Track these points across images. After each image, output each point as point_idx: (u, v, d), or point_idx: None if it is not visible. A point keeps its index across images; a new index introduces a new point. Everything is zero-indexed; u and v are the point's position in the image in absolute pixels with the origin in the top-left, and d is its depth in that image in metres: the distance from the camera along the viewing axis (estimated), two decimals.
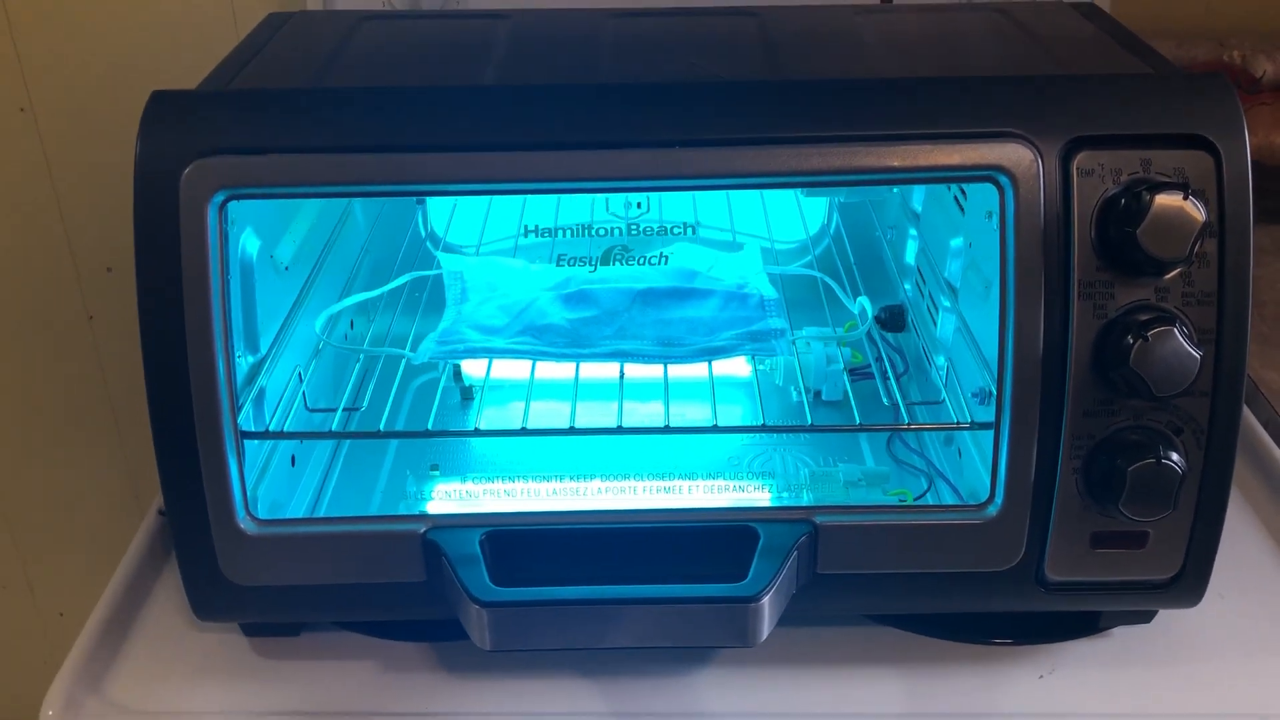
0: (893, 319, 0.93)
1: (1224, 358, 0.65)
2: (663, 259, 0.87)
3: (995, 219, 0.65)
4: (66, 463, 1.46)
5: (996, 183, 0.64)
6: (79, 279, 1.35)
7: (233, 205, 0.66)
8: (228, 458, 0.66)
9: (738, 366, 0.89)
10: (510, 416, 0.86)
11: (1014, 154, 0.63)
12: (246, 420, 0.71)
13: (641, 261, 0.87)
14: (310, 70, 0.76)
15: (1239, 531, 0.84)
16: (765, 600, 0.64)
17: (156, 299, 0.65)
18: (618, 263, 0.86)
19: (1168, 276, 0.64)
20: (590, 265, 0.86)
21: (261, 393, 0.74)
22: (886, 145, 0.64)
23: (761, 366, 0.90)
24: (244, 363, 0.72)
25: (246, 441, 0.69)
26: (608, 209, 0.97)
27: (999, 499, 0.67)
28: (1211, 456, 0.67)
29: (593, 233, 0.90)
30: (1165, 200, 0.62)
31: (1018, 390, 0.65)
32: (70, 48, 1.20)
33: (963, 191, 0.81)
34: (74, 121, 1.24)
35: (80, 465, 1.46)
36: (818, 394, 0.90)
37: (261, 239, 0.75)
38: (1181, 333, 0.63)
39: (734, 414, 0.88)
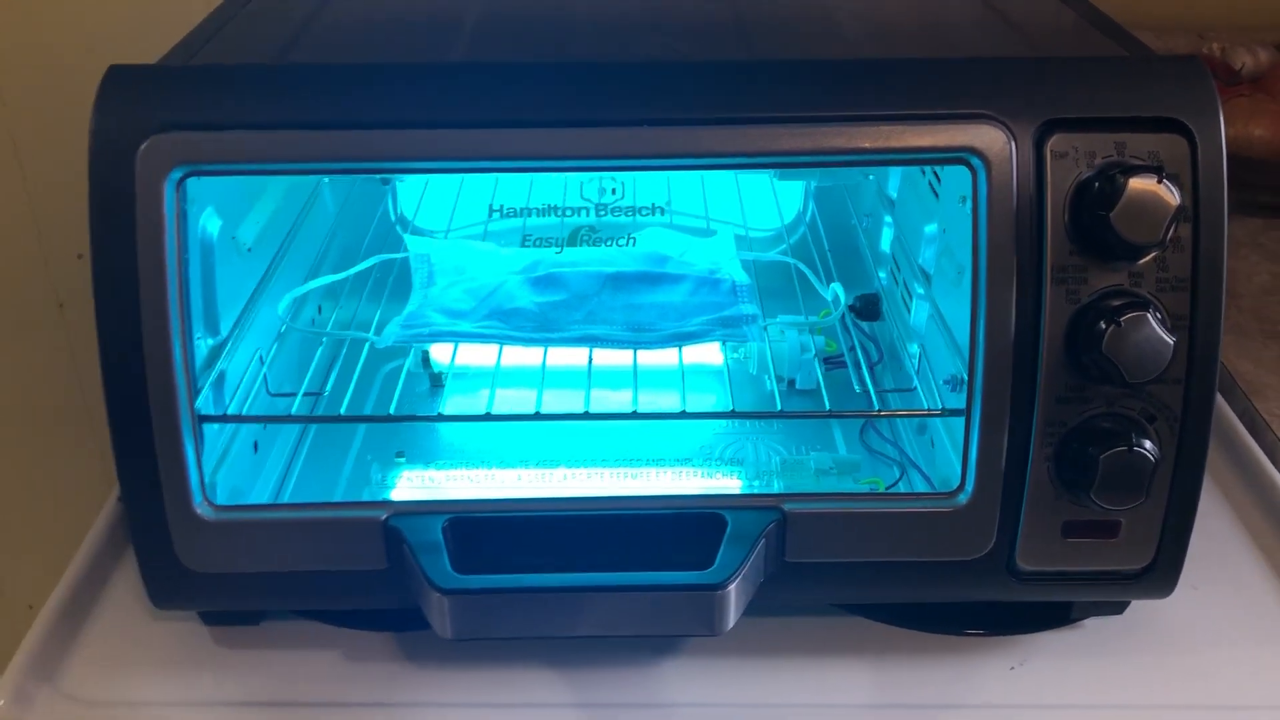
0: (868, 307, 0.92)
1: (1198, 344, 0.64)
2: (630, 241, 0.86)
3: (969, 203, 0.64)
4: (37, 453, 1.44)
5: (969, 165, 0.63)
6: (48, 266, 1.33)
7: (193, 184, 0.64)
8: (184, 442, 0.65)
9: (710, 354, 0.88)
10: (478, 403, 0.85)
11: (987, 136, 0.62)
12: (205, 404, 0.69)
13: (609, 243, 0.86)
14: (276, 45, 0.74)
15: (1213, 523, 0.83)
16: (731, 588, 0.63)
17: (112, 278, 0.63)
18: (585, 244, 0.85)
19: (1142, 261, 0.64)
20: (557, 246, 0.85)
21: (222, 376, 0.73)
22: (858, 126, 0.63)
23: (735, 355, 0.89)
24: (203, 345, 0.71)
25: (205, 426, 0.67)
26: (581, 194, 0.96)
27: (969, 487, 0.66)
28: (1185, 444, 0.66)
29: (561, 213, 0.89)
30: (1139, 184, 0.61)
31: (989, 376, 0.64)
32: (38, 28, 1.18)
33: (937, 176, 0.80)
34: (42, 105, 1.22)
35: (51, 455, 1.44)
36: (791, 382, 0.89)
37: (223, 219, 0.73)
38: (1155, 318, 0.62)
39: (706, 401, 0.87)
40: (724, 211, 0.97)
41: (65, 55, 1.19)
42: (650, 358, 0.79)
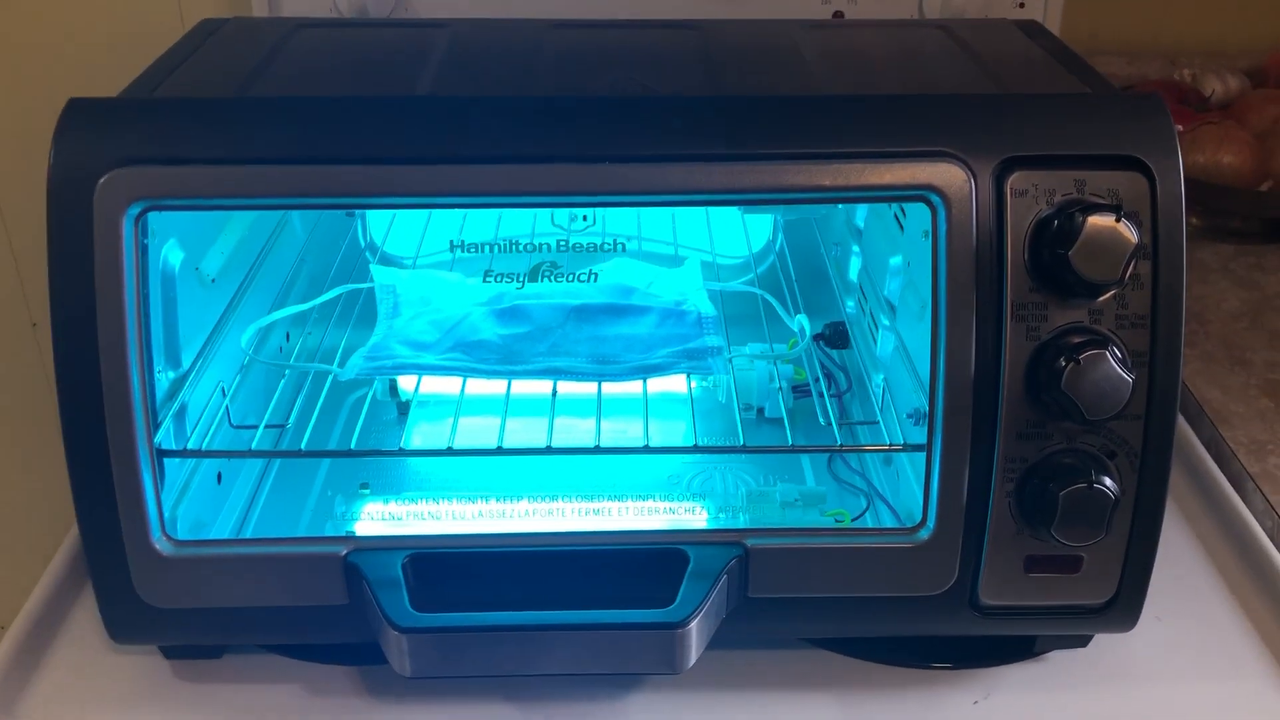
0: (836, 336, 0.92)
1: (1157, 381, 0.65)
2: (592, 276, 0.86)
3: (930, 239, 0.65)
4: (8, 472, 1.43)
5: (929, 202, 0.63)
6: (22, 285, 1.33)
7: (154, 216, 0.64)
8: (143, 476, 0.64)
9: (676, 382, 0.88)
10: (444, 432, 0.84)
11: (946, 173, 0.63)
12: (166, 438, 0.69)
13: (571, 278, 0.85)
14: (238, 78, 0.74)
15: (1178, 553, 0.83)
16: (693, 625, 0.62)
17: (69, 312, 0.63)
18: (546, 279, 0.84)
19: (1101, 299, 0.64)
20: (518, 282, 0.85)
21: (183, 409, 0.72)
22: (818, 164, 0.63)
23: (704, 382, 0.89)
24: (164, 378, 0.71)
25: (165, 460, 0.67)
26: (552, 221, 0.96)
27: (931, 522, 0.66)
28: (1145, 480, 0.66)
29: (522, 248, 0.89)
30: (1098, 221, 0.61)
31: (949, 412, 0.64)
32: (11, 51, 1.18)
33: (902, 210, 0.80)
34: (16, 126, 1.22)
35: (24, 475, 1.43)
36: (760, 411, 0.89)
37: (186, 251, 0.73)
38: (1114, 356, 0.62)
39: (673, 430, 0.87)
40: (693, 239, 0.97)
41: (38, 77, 1.19)
42: (615, 387, 0.79)
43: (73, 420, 0.64)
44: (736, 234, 0.99)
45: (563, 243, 0.88)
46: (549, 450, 0.70)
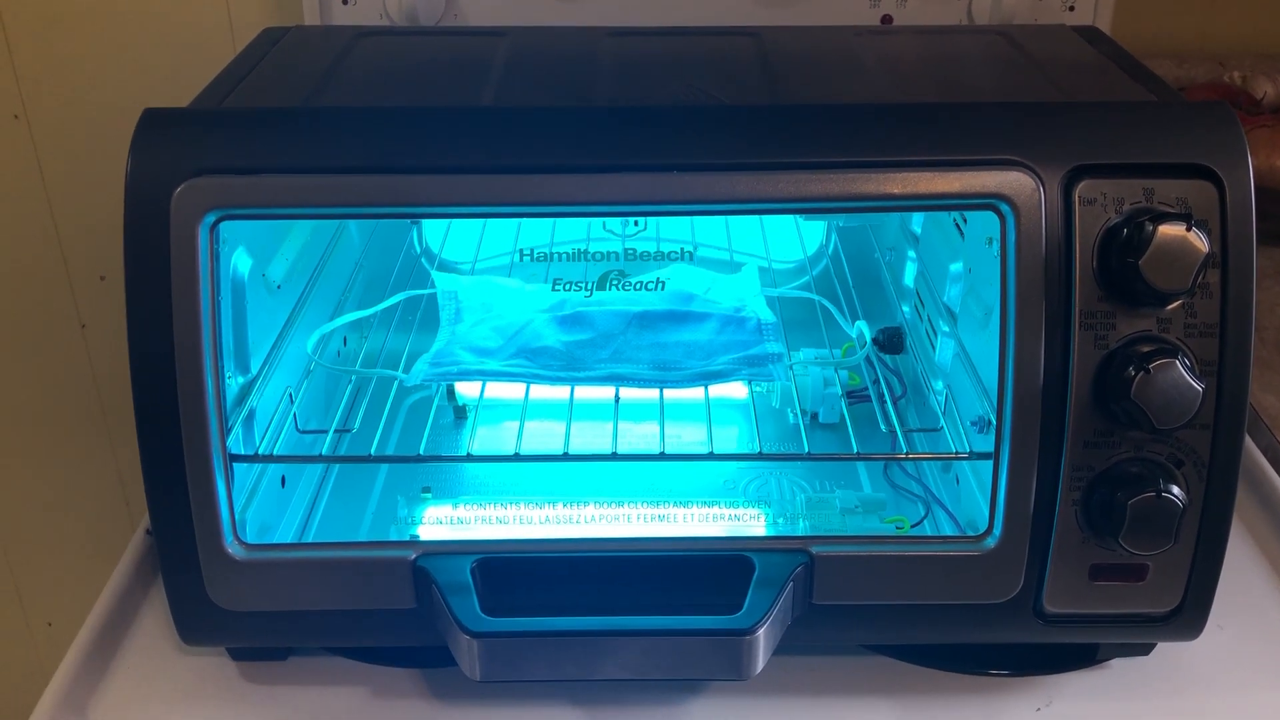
0: (890, 341, 0.92)
1: (1226, 390, 0.64)
2: (659, 285, 0.86)
3: (996, 245, 0.65)
4: (57, 470, 1.45)
5: (998, 211, 0.63)
6: (72, 287, 1.34)
7: (224, 225, 0.65)
8: (216, 481, 0.65)
9: (734, 388, 0.89)
10: (504, 436, 0.85)
11: (1016, 182, 0.63)
12: (236, 443, 0.70)
13: (638, 287, 0.86)
14: (305, 88, 0.75)
15: (1238, 559, 0.83)
16: (760, 632, 0.63)
17: (146, 320, 0.64)
18: (614, 287, 0.85)
19: (1170, 307, 0.64)
20: (586, 290, 0.85)
21: (252, 414, 0.73)
22: (886, 172, 0.63)
23: (758, 389, 0.89)
24: (234, 384, 0.72)
25: (235, 465, 0.68)
26: (605, 226, 0.96)
27: (998, 530, 0.66)
28: (1213, 490, 0.66)
29: (589, 257, 0.89)
30: (1168, 231, 0.61)
31: (1018, 421, 0.64)
32: (65, 54, 1.20)
33: (963, 216, 0.80)
34: (68, 128, 1.23)
35: (71, 473, 1.45)
36: (814, 416, 0.89)
37: (254, 258, 0.74)
38: (1183, 365, 0.62)
39: (730, 435, 0.87)
40: (748, 244, 0.97)
41: (90, 80, 1.20)
42: (676, 391, 0.79)
43: (149, 426, 0.65)
44: (790, 238, 0.99)
45: (630, 251, 0.89)
46: (615, 457, 0.71)
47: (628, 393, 0.78)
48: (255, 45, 0.84)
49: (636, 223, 0.97)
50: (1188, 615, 0.69)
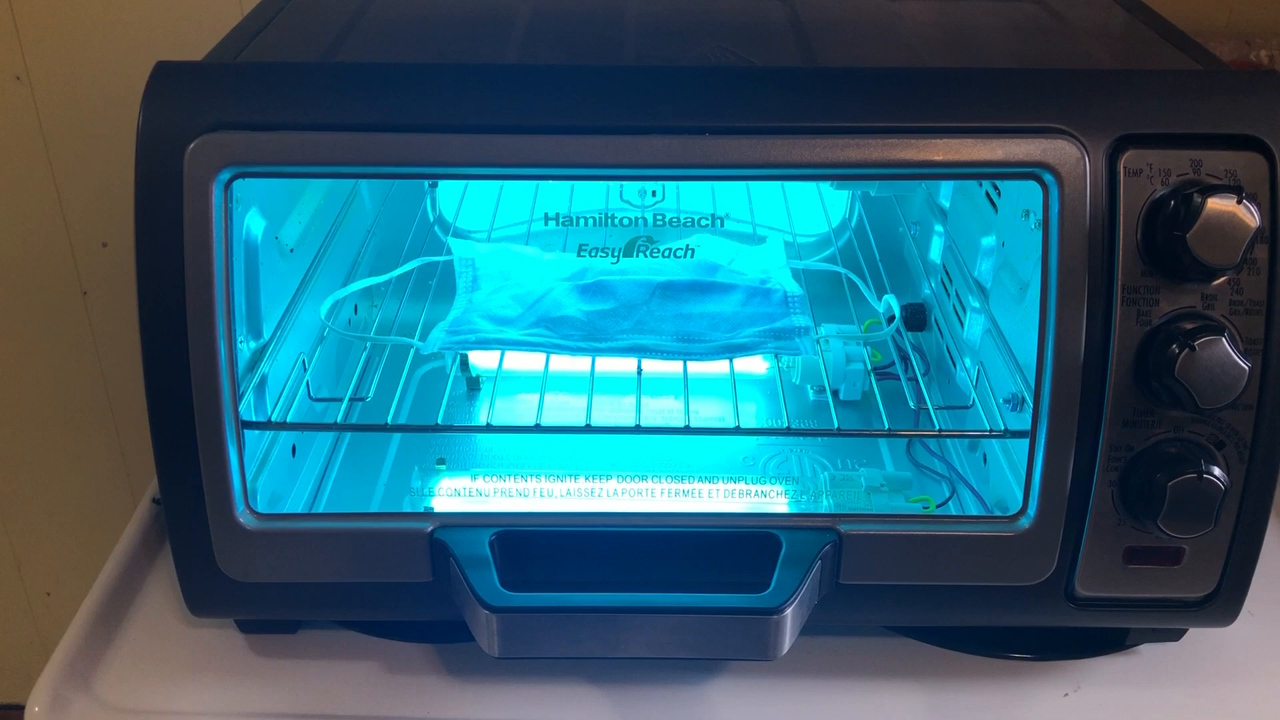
0: (914, 317, 0.90)
1: (1271, 369, 0.62)
2: (688, 251, 0.84)
3: (1033, 218, 0.63)
4: (57, 440, 1.43)
5: (1040, 180, 0.61)
6: (73, 254, 1.32)
7: (238, 184, 0.62)
8: (228, 449, 0.63)
9: (754, 363, 0.86)
10: (521, 408, 0.83)
11: (1060, 151, 0.60)
12: (248, 409, 0.68)
13: (666, 254, 0.84)
14: (323, 43, 0.73)
15: (1269, 545, 0.81)
16: (788, 612, 0.61)
17: (157, 280, 0.62)
18: (642, 254, 0.82)
19: (1215, 283, 0.62)
20: (613, 256, 0.83)
21: (264, 380, 0.71)
22: (927, 138, 0.61)
23: (776, 364, 0.87)
24: (246, 349, 0.70)
25: (247, 432, 0.66)
26: (622, 196, 0.94)
27: (1032, 511, 0.64)
28: (1254, 472, 0.64)
29: (615, 222, 0.87)
30: (1218, 204, 0.59)
31: (1056, 398, 0.62)
32: (68, 13, 1.17)
33: (996, 188, 0.78)
34: (71, 91, 1.20)
35: (71, 443, 1.43)
36: (835, 392, 0.87)
37: (267, 219, 0.72)
38: (1229, 342, 0.60)
39: (751, 411, 0.85)
40: (771, 215, 0.95)
41: (94, 40, 1.18)
42: (699, 365, 0.77)
43: (159, 391, 0.63)
44: (814, 209, 0.97)
45: (660, 216, 0.86)
46: (638, 429, 0.69)
47: (650, 366, 0.76)
48: (268, 1, 0.81)
49: (654, 193, 0.94)
50: (1223, 601, 0.67)
